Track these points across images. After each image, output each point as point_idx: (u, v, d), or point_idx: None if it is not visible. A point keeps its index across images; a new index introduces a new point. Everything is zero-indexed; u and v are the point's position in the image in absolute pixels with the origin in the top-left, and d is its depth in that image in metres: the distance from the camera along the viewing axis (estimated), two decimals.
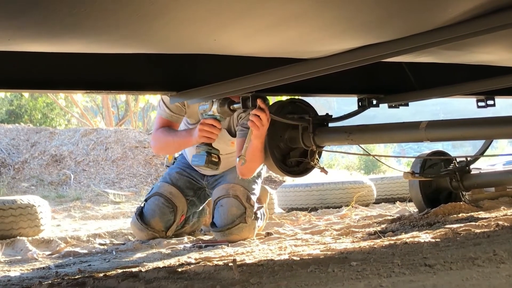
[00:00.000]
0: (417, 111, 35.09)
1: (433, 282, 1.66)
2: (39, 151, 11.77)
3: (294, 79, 2.60)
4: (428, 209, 4.17)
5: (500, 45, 2.68)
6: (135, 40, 2.05)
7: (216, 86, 2.72)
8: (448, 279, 1.68)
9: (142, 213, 3.89)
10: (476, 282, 1.61)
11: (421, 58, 2.97)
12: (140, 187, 10.44)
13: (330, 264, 2.13)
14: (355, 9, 1.81)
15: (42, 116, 21.10)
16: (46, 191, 10.09)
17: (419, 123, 2.95)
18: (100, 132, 12.50)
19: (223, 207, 3.66)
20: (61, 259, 3.23)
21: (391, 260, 2.18)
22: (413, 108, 4.81)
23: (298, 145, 3.33)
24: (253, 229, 3.70)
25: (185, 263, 2.70)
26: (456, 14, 1.88)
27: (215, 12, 1.70)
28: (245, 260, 2.68)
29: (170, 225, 3.90)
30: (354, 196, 5.71)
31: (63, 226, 5.54)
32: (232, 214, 3.63)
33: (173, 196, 3.92)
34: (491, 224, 3.19)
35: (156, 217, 3.85)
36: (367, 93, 3.42)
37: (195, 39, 2.10)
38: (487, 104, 3.86)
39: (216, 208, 3.70)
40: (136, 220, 3.87)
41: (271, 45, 2.31)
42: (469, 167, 4.32)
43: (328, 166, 19.69)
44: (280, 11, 1.76)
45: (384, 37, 2.15)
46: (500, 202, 4.49)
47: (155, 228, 3.84)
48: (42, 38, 1.91)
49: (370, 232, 3.49)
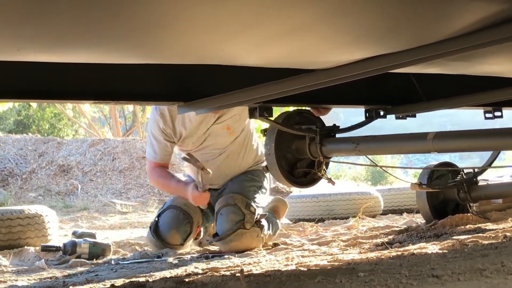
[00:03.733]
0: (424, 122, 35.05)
1: None
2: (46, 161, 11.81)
3: (302, 89, 2.61)
4: (435, 220, 4.16)
5: (508, 57, 2.68)
6: (143, 50, 2.06)
7: (223, 97, 2.73)
8: None
9: (157, 228, 3.80)
10: None
11: (428, 70, 2.97)
12: (147, 197, 10.45)
13: (337, 275, 2.13)
14: (362, 20, 1.81)
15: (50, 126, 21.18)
16: (53, 201, 10.12)
17: (426, 134, 2.95)
18: (107, 142, 12.54)
19: (222, 215, 3.66)
20: (68, 269, 3.23)
21: (399, 271, 2.17)
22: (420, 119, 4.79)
23: (305, 156, 3.33)
24: (256, 236, 3.64)
25: (192, 274, 2.70)
26: (464, 25, 1.88)
27: (223, 23, 1.71)
28: (252, 270, 2.68)
29: (187, 236, 3.81)
30: (361, 207, 5.69)
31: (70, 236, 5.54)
32: (230, 220, 3.60)
33: (188, 208, 3.81)
34: (499, 235, 3.17)
35: (173, 229, 3.76)
36: (374, 104, 3.42)
37: (203, 49, 2.11)
38: (495, 115, 3.85)
39: (217, 219, 3.70)
40: (152, 236, 3.78)
41: (279, 55, 2.31)
42: (477, 178, 4.30)
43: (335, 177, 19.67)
44: (288, 22, 1.76)
45: (392, 48, 2.16)
46: (507, 213, 4.47)
47: (172, 241, 3.75)
48: (51, 48, 1.93)
49: (378, 243, 3.48)
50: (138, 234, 5.46)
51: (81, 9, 1.50)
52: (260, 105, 2.99)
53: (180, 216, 3.79)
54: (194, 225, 3.85)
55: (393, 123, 4.08)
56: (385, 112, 3.43)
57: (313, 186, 3.51)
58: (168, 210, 3.82)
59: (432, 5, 1.71)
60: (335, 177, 19.36)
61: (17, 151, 12.14)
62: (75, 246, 3.64)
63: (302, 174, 3.39)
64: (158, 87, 2.77)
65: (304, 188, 3.59)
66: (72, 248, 3.64)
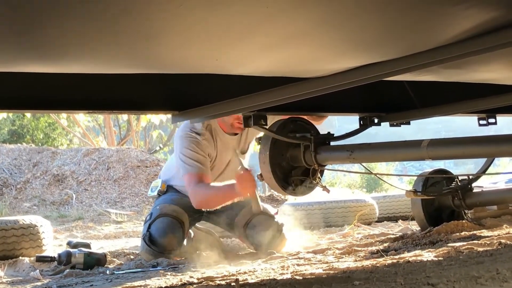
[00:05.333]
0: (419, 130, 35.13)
1: None
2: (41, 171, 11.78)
3: (296, 98, 2.61)
4: (430, 227, 4.16)
5: (502, 63, 2.69)
6: (137, 60, 2.06)
7: (218, 105, 2.73)
8: None
9: (151, 237, 3.79)
10: None
11: (422, 77, 2.98)
12: (142, 206, 10.43)
13: (333, 284, 2.12)
14: (356, 29, 1.82)
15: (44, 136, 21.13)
16: (48, 211, 10.09)
17: (420, 141, 2.95)
18: (102, 152, 12.52)
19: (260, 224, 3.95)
20: (63, 279, 3.22)
21: (394, 279, 2.17)
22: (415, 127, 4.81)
23: (300, 164, 3.33)
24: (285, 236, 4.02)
25: (188, 283, 2.69)
26: (457, 33, 1.89)
27: (218, 33, 1.71)
28: (248, 279, 2.67)
29: (181, 241, 3.86)
30: (356, 215, 5.69)
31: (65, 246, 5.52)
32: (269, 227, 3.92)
33: (177, 214, 3.87)
34: (494, 242, 3.17)
35: (169, 234, 3.78)
36: (368, 111, 3.42)
37: (197, 59, 2.11)
38: (489, 122, 3.86)
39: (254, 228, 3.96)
40: (147, 246, 3.77)
41: (273, 65, 2.32)
42: (471, 185, 4.31)
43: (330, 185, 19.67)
44: (282, 32, 1.77)
45: (385, 56, 2.16)
46: (502, 220, 4.47)
47: (169, 247, 3.76)
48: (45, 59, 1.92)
49: (373, 251, 3.48)
50: (133, 244, 5.45)
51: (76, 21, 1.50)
52: (255, 114, 2.99)
53: (172, 223, 3.84)
54: (186, 230, 3.92)
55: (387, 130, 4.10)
56: (379, 119, 3.43)
57: (308, 194, 3.51)
58: (160, 219, 3.83)
59: (425, 13, 1.72)
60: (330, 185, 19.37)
61: (11, 161, 12.11)
62: (70, 256, 3.63)
63: (297, 182, 3.39)
64: (153, 96, 2.77)
65: (299, 196, 3.58)
66: (67, 258, 3.62)
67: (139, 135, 20.48)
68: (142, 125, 19.07)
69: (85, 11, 1.44)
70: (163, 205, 3.94)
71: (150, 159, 12.38)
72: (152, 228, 3.82)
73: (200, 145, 3.79)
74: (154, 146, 21.08)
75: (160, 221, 3.82)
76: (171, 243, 3.77)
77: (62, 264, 3.63)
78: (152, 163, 12.08)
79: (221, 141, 3.90)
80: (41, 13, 1.43)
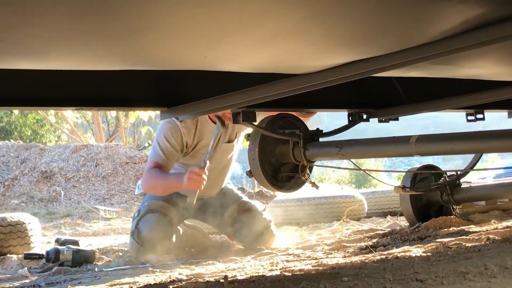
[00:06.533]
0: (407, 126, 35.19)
1: None
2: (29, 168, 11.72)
3: (284, 94, 2.61)
4: (419, 223, 4.17)
5: (489, 60, 2.70)
6: (124, 57, 2.05)
7: (206, 102, 2.72)
8: None
9: (140, 234, 3.79)
10: None
11: (410, 73, 2.99)
12: (130, 203, 10.41)
13: (321, 280, 2.12)
14: (344, 25, 1.82)
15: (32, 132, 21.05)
16: (36, 208, 10.04)
17: (409, 137, 2.96)
18: (90, 148, 12.47)
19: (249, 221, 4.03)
20: (51, 277, 3.21)
21: (383, 275, 2.18)
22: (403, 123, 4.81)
23: (289, 160, 3.33)
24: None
25: (177, 280, 2.69)
26: (445, 29, 1.89)
27: (206, 29, 1.71)
28: (237, 276, 2.67)
29: (170, 238, 3.87)
30: (345, 211, 5.70)
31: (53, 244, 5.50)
32: (258, 223, 4.03)
33: (165, 210, 3.89)
34: (482, 238, 3.19)
35: (157, 230, 3.79)
36: (357, 107, 3.43)
37: (185, 55, 2.10)
38: (477, 118, 3.87)
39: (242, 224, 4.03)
40: (136, 243, 3.78)
41: (261, 61, 2.31)
42: (460, 181, 4.32)
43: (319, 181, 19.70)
44: (270, 28, 1.76)
45: (373, 52, 2.16)
46: (490, 215, 4.50)
47: (157, 244, 3.76)
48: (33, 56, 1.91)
49: (362, 246, 3.48)
50: (122, 241, 5.44)
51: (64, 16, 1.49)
52: (244, 110, 2.98)
53: (161, 218, 3.84)
54: (174, 226, 3.94)
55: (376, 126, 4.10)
56: (368, 115, 3.44)
57: (297, 190, 3.51)
58: (148, 215, 3.83)
59: (413, 9, 1.72)
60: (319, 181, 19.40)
61: None
62: (58, 253, 3.62)
63: (286, 179, 3.39)
64: (141, 93, 2.76)
65: (288, 192, 3.59)
66: (55, 256, 3.61)
67: (127, 132, 20.44)
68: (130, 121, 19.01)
69: (71, 6, 1.43)
70: (151, 201, 3.93)
71: (139, 156, 12.35)
72: (140, 225, 3.81)
73: (177, 133, 3.76)
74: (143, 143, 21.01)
75: (149, 217, 3.82)
76: (159, 240, 3.77)
77: (50, 261, 3.61)
78: (141, 159, 12.05)
79: (205, 130, 3.85)
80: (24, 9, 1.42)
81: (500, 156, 31.18)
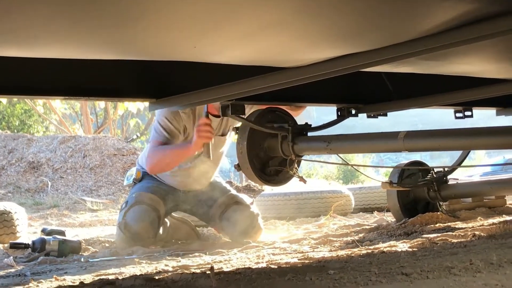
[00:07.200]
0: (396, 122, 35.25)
1: None
2: (16, 158, 11.66)
3: (274, 87, 2.61)
4: (405, 219, 4.19)
5: (478, 56, 2.71)
6: (114, 46, 2.04)
7: (195, 94, 2.72)
8: None
9: (127, 225, 3.79)
10: None
11: (400, 68, 3.00)
12: (118, 195, 10.38)
13: (307, 273, 2.13)
14: (334, 19, 1.82)
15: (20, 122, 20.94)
16: (23, 198, 10.00)
17: (397, 133, 2.97)
18: (78, 139, 12.42)
19: (236, 213, 4.03)
20: (37, 266, 3.19)
21: (368, 268, 2.18)
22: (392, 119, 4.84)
23: (277, 154, 3.33)
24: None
25: (162, 271, 2.69)
26: (434, 25, 1.90)
27: (196, 20, 1.70)
28: (223, 268, 2.67)
29: (157, 229, 3.88)
30: (332, 206, 5.71)
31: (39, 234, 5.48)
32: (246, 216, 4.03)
33: (153, 202, 3.89)
34: (468, 234, 3.21)
35: (144, 221, 3.79)
36: (346, 102, 3.43)
37: (175, 46, 2.10)
38: (465, 115, 3.89)
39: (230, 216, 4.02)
40: (123, 234, 3.78)
41: (251, 53, 2.31)
42: (447, 178, 4.34)
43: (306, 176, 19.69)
44: (260, 20, 1.76)
45: (363, 47, 2.17)
46: (477, 212, 4.52)
47: (145, 235, 3.77)
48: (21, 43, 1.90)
49: (348, 241, 3.49)
50: (109, 232, 5.42)
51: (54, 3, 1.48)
52: (233, 103, 2.98)
53: (148, 210, 3.84)
54: (161, 219, 3.94)
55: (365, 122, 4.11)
56: (357, 110, 3.44)
57: (285, 184, 3.52)
58: (135, 207, 3.83)
59: (402, 4, 1.72)
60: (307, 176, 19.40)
61: None
62: (44, 243, 3.60)
63: (274, 173, 3.39)
64: (130, 84, 2.75)
65: (276, 186, 3.59)
66: (41, 246, 3.60)
67: (116, 124, 20.37)
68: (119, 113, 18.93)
69: None
70: (139, 193, 3.93)
71: (127, 148, 12.32)
72: (127, 216, 3.81)
73: (178, 116, 3.73)
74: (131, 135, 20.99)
75: (136, 209, 3.82)
76: (146, 231, 3.78)
77: (36, 251, 3.60)
78: (129, 151, 12.02)
79: None
80: None
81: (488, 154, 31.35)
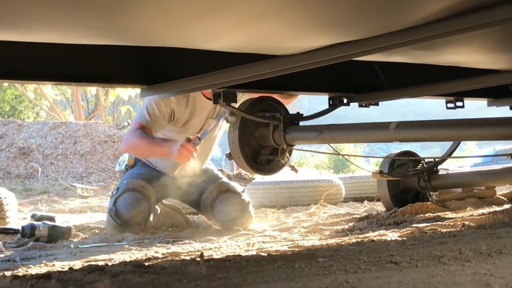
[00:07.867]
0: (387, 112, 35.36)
1: (399, 278, 1.67)
2: (6, 144, 11.63)
3: (266, 75, 2.61)
4: (395, 208, 4.20)
5: (470, 47, 2.71)
6: (105, 31, 2.03)
7: (187, 81, 2.70)
8: (414, 276, 1.70)
9: (117, 212, 3.81)
10: (442, 279, 1.63)
11: (392, 58, 2.99)
12: (108, 181, 10.38)
13: (297, 260, 2.13)
14: (326, 7, 1.81)
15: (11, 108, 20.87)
16: (13, 184, 9.98)
17: (389, 123, 2.97)
18: (69, 126, 12.39)
19: (226, 201, 4.03)
20: (26, 252, 3.19)
21: (358, 257, 2.19)
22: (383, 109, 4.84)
23: (269, 143, 3.33)
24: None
25: (152, 258, 2.69)
26: (427, 14, 1.89)
27: (187, 5, 1.69)
28: (213, 255, 2.68)
29: (147, 216, 3.90)
30: (323, 195, 5.72)
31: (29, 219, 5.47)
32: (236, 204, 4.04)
33: (144, 189, 3.90)
34: (457, 224, 3.22)
35: (135, 209, 3.80)
36: (338, 91, 3.43)
37: (167, 31, 2.08)
38: (456, 105, 3.89)
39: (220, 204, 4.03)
40: (113, 220, 3.79)
41: (243, 41, 2.30)
42: (437, 168, 4.35)
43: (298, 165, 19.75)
44: (252, 7, 1.75)
45: (355, 35, 2.16)
46: (466, 202, 4.54)
47: (134, 221, 3.78)
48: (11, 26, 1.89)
49: (338, 230, 3.51)
50: (99, 218, 5.42)
51: None
52: (225, 90, 2.97)
53: (139, 197, 3.86)
54: (152, 206, 3.94)
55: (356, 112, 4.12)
56: (348, 99, 3.44)
57: (276, 173, 3.52)
58: (126, 193, 3.84)
59: None
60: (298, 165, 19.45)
61: None
62: (34, 229, 3.60)
63: (265, 162, 3.39)
64: (122, 69, 2.73)
65: (267, 175, 3.60)
66: (31, 231, 3.59)
67: (107, 110, 20.32)
68: (110, 100, 18.91)
69: None
70: (130, 180, 3.93)
71: (118, 135, 12.30)
72: (118, 203, 3.81)
73: (168, 99, 3.75)
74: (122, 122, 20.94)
75: (127, 195, 3.82)
76: (137, 218, 3.78)
77: (25, 236, 3.59)
78: (119, 138, 12.00)
79: (197, 103, 3.87)
80: None
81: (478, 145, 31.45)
